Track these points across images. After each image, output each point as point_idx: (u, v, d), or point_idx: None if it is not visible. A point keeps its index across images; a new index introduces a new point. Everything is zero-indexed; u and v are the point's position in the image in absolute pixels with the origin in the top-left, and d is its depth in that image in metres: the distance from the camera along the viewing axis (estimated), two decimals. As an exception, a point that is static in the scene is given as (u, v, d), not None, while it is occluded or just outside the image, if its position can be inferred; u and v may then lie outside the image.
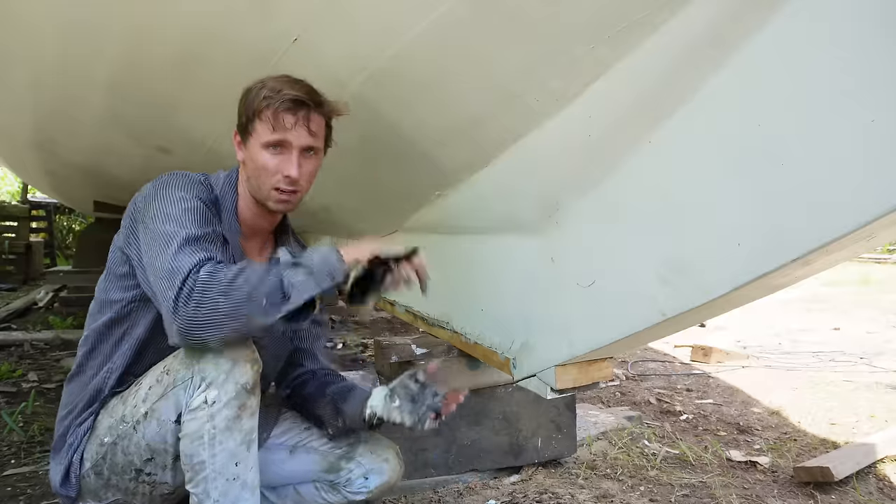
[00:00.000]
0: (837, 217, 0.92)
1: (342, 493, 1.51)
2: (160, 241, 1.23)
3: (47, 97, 2.59)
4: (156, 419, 1.26)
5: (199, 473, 1.20)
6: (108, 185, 4.43)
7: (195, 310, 1.13)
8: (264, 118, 1.31)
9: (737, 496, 2.02)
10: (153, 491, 1.33)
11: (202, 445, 1.20)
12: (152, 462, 1.29)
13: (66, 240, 10.66)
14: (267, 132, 1.32)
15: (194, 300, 1.13)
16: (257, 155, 1.34)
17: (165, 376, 1.27)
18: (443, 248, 2.16)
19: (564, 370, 1.58)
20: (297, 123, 1.32)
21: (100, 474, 1.34)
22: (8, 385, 3.12)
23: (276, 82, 1.33)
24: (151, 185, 1.36)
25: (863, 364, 3.96)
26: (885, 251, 11.34)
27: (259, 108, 1.32)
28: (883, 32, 0.86)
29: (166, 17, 1.64)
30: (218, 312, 1.14)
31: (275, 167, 1.33)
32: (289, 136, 1.32)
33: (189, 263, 1.17)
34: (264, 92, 1.32)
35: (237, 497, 1.21)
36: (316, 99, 1.35)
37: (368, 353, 3.99)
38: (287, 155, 1.33)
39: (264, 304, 1.15)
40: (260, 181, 1.36)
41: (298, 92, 1.33)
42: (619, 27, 1.12)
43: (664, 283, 1.23)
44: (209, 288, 1.14)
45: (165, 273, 1.18)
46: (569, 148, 1.40)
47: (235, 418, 1.21)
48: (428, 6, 1.24)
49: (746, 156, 1.06)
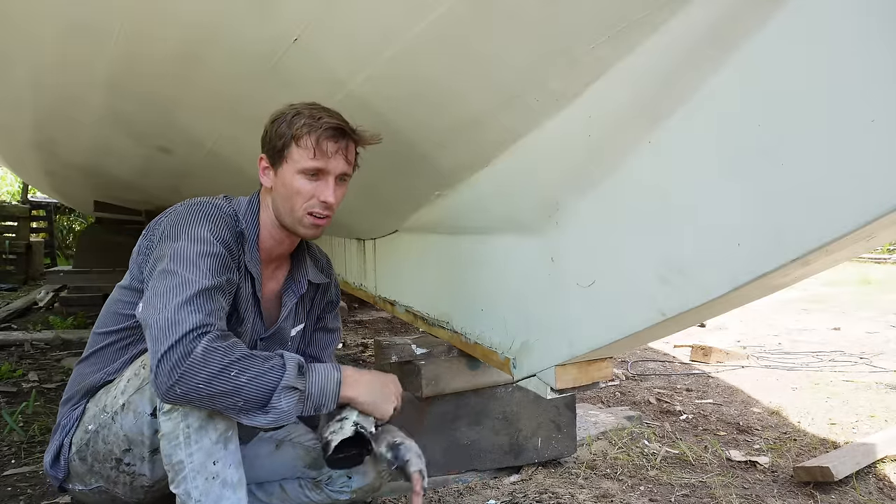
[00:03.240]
0: (837, 217, 0.92)
1: (325, 491, 1.52)
2: (169, 285, 1.20)
3: (47, 97, 2.59)
4: (132, 411, 1.28)
5: (178, 473, 1.21)
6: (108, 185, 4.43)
7: (176, 382, 1.12)
8: (304, 144, 1.32)
9: (737, 496, 2.02)
10: (133, 482, 1.35)
11: (178, 446, 1.21)
12: (130, 453, 1.31)
13: (67, 240, 10.67)
14: (306, 158, 1.33)
15: (178, 374, 1.11)
16: (292, 180, 1.35)
17: (142, 370, 1.30)
18: (443, 247, 2.16)
19: (564, 370, 1.58)
20: (338, 152, 1.35)
21: (84, 460, 1.37)
22: (8, 385, 3.12)
23: (313, 110, 1.35)
24: (181, 213, 1.35)
25: (863, 364, 3.96)
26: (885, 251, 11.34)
27: (298, 134, 1.32)
28: (882, 32, 0.86)
29: (166, 16, 1.65)
30: (196, 393, 1.14)
31: (310, 192, 1.35)
32: (328, 165, 1.34)
33: (188, 324, 1.14)
34: (303, 119, 1.33)
35: (219, 496, 1.21)
36: (352, 128, 1.38)
37: (368, 353, 3.99)
38: (324, 181, 1.35)
39: (241, 406, 1.16)
40: (293, 205, 1.36)
41: (339, 121, 1.35)
42: (619, 27, 1.12)
43: (664, 283, 1.23)
44: (197, 370, 1.12)
45: (163, 322, 1.15)
46: (569, 148, 1.40)
47: (208, 417, 1.22)
48: (427, 6, 1.24)
49: (746, 156, 1.06)
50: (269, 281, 1.49)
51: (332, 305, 1.68)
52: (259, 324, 1.46)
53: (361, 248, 3.13)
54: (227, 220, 1.36)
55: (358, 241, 3.17)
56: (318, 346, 1.66)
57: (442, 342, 2.13)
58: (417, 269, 2.42)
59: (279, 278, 1.52)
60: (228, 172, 2.82)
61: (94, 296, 5.39)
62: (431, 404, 2.06)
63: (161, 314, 1.16)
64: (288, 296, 1.51)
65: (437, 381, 2.03)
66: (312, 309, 1.63)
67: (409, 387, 2.08)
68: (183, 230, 1.30)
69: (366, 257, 3.06)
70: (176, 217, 1.34)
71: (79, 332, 4.28)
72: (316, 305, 1.63)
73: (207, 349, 1.13)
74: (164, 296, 1.19)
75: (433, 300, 2.25)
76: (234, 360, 1.15)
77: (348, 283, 3.31)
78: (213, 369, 1.12)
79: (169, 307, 1.17)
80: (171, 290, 1.19)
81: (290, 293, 1.52)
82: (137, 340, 1.41)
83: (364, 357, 3.95)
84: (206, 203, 1.38)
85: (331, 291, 1.67)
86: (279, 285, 1.52)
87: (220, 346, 1.15)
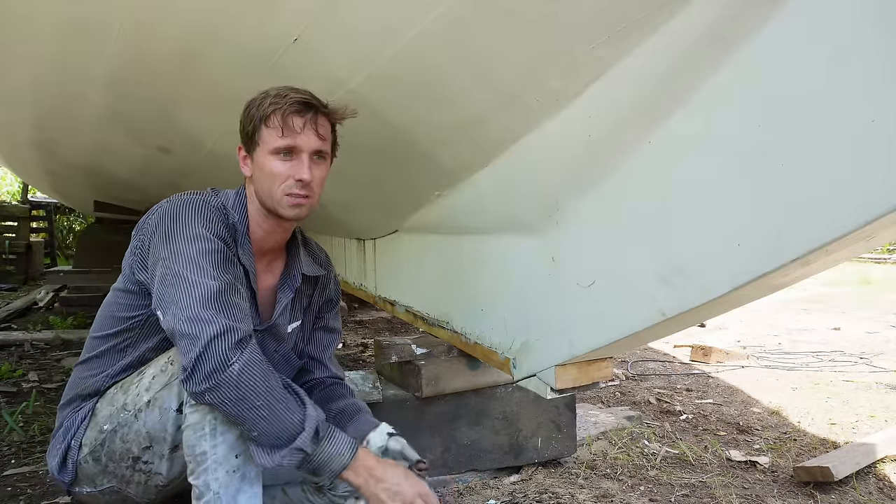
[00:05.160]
0: (837, 217, 0.92)
1: (328, 496, 1.51)
2: (179, 288, 1.21)
3: (47, 95, 2.59)
4: (158, 407, 1.28)
5: (200, 465, 1.21)
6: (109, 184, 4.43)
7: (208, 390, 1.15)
8: (272, 124, 1.30)
9: (737, 496, 2.02)
10: (148, 481, 1.34)
11: (203, 437, 1.21)
12: (150, 450, 1.31)
13: (67, 240, 10.67)
14: (275, 138, 1.30)
15: (212, 383, 1.14)
16: (266, 162, 1.32)
17: (170, 366, 1.30)
18: (443, 247, 2.16)
19: (564, 370, 1.58)
20: (306, 126, 1.31)
21: (98, 460, 1.36)
22: (8, 385, 3.12)
23: (280, 89, 1.33)
24: (166, 212, 1.32)
25: (863, 364, 3.96)
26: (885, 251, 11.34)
27: (266, 114, 1.30)
28: (882, 32, 0.86)
29: (166, 15, 1.65)
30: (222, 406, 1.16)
31: (286, 172, 1.31)
32: (298, 141, 1.31)
33: (212, 328, 1.16)
34: (269, 99, 1.31)
35: (238, 489, 1.22)
36: (321, 102, 1.34)
37: (368, 353, 3.99)
38: (297, 159, 1.32)
39: (252, 435, 1.18)
40: (271, 189, 1.33)
41: (304, 95, 1.32)
42: (619, 27, 1.12)
43: (664, 283, 1.23)
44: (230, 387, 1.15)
45: (187, 328, 1.17)
46: (569, 148, 1.40)
47: None
48: (428, 6, 1.24)
49: (746, 156, 1.06)
50: (264, 274, 1.47)
51: (331, 304, 1.65)
52: (255, 317, 1.43)
53: (361, 248, 3.13)
54: (216, 216, 1.33)
55: (358, 241, 3.17)
56: (319, 346, 1.63)
57: (442, 342, 2.13)
58: (417, 269, 2.42)
59: (275, 272, 1.49)
60: (229, 172, 2.81)
61: (94, 296, 5.39)
62: (431, 404, 2.06)
63: (181, 322, 1.18)
64: (283, 291, 1.48)
65: (437, 381, 2.03)
66: (311, 305, 1.60)
67: (409, 387, 2.08)
68: (177, 229, 1.28)
69: (366, 257, 3.06)
70: (166, 215, 1.31)
71: (79, 332, 4.28)
72: (314, 301, 1.60)
73: (244, 369, 1.16)
74: (178, 302, 1.20)
75: (433, 300, 2.25)
76: (263, 392, 1.17)
77: (348, 283, 3.31)
78: (243, 392, 1.15)
79: (186, 312, 1.18)
80: (183, 294, 1.20)
81: (286, 287, 1.49)
82: (135, 343, 1.41)
83: (364, 357, 3.95)
84: (193, 198, 1.35)
85: (329, 287, 1.64)
86: (276, 279, 1.49)
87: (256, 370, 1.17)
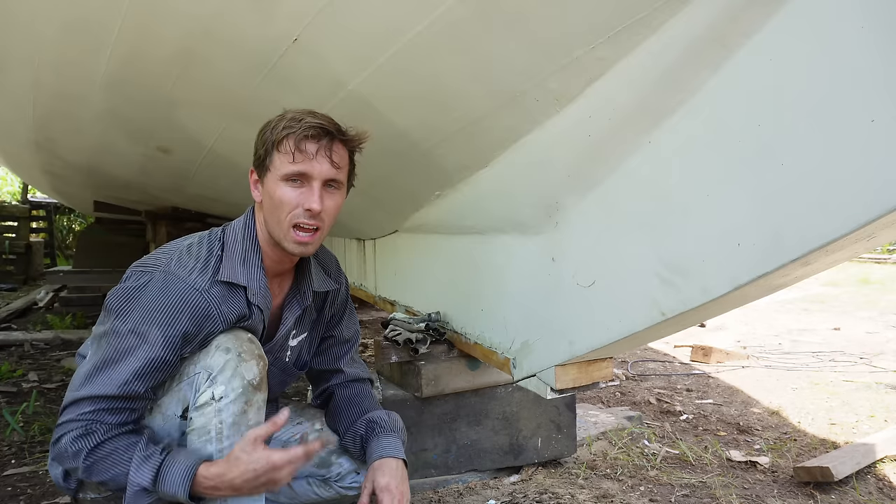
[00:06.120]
0: (837, 217, 0.92)
1: (334, 487, 1.51)
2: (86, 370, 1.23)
3: (47, 95, 2.59)
4: (161, 414, 1.28)
5: None
6: (108, 185, 4.43)
7: (54, 459, 1.22)
8: (284, 149, 1.23)
9: (737, 496, 2.02)
10: None
11: (210, 440, 1.21)
12: None
13: (66, 240, 10.66)
14: (286, 163, 1.23)
15: (53, 454, 1.21)
16: (275, 189, 1.25)
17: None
18: (443, 247, 2.16)
19: (564, 370, 1.58)
20: (319, 153, 1.24)
21: None
22: (8, 385, 3.12)
23: (297, 112, 1.27)
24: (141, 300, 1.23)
25: (863, 364, 3.96)
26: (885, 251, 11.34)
27: (278, 138, 1.24)
28: (882, 32, 0.86)
29: (166, 15, 1.65)
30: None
31: (294, 200, 1.24)
32: (311, 168, 1.24)
33: (67, 415, 1.20)
34: (284, 122, 1.25)
35: None
36: (339, 128, 1.28)
37: (368, 354, 3.99)
38: (308, 187, 1.25)
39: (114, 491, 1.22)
40: (279, 217, 1.26)
41: (321, 120, 1.25)
42: (619, 27, 1.12)
43: (664, 283, 1.23)
44: (66, 458, 1.19)
45: (67, 401, 1.22)
46: (569, 148, 1.40)
47: (242, 413, 1.23)
48: (428, 6, 1.24)
49: (746, 156, 1.06)
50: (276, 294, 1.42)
51: (341, 315, 1.61)
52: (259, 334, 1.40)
53: (361, 248, 3.13)
54: (192, 307, 1.23)
55: (358, 241, 3.18)
56: (331, 358, 1.59)
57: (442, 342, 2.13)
58: (417, 269, 2.42)
59: (284, 288, 1.44)
60: (228, 172, 2.82)
61: (94, 296, 5.39)
62: (431, 404, 2.06)
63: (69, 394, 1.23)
64: (290, 308, 1.44)
65: (437, 381, 2.03)
66: (320, 317, 1.55)
67: (409, 387, 2.08)
68: (132, 320, 1.21)
69: (366, 257, 3.06)
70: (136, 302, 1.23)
71: (79, 332, 4.28)
72: (325, 313, 1.56)
73: (69, 445, 1.19)
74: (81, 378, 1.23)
75: (433, 300, 2.25)
76: (89, 459, 1.18)
77: (348, 284, 3.31)
78: (75, 463, 1.19)
79: (72, 392, 1.23)
80: (81, 377, 1.23)
81: (294, 305, 1.44)
82: None
83: (364, 357, 3.95)
84: (171, 288, 1.24)
85: (339, 298, 1.59)
86: (283, 297, 1.44)
87: (78, 445, 1.18)
